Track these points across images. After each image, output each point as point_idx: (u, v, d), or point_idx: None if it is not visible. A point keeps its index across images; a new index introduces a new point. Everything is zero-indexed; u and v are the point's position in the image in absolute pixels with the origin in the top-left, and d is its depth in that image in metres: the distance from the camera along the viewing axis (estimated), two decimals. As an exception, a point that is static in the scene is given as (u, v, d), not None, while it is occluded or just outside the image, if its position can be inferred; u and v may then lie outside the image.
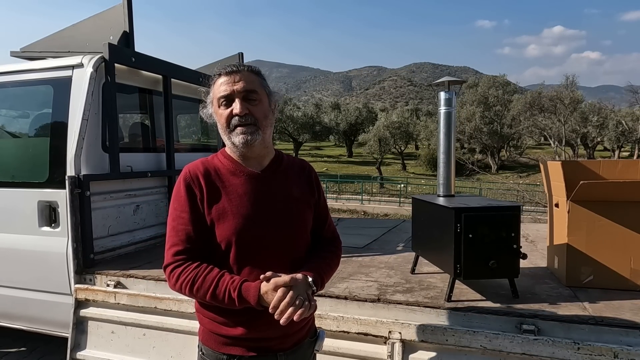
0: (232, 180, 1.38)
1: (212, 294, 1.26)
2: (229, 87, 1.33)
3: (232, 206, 1.34)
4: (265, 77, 1.43)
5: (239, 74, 1.34)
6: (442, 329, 2.02)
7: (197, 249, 1.33)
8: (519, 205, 2.18)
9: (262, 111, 1.36)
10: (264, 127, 1.36)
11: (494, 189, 19.73)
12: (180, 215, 1.34)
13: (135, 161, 3.25)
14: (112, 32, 3.12)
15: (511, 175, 29.39)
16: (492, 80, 33.58)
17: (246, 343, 1.35)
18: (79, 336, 2.68)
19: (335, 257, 1.54)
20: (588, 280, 2.35)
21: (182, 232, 1.33)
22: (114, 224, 3.05)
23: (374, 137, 29.04)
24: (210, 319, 1.38)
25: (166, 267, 1.34)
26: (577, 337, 1.90)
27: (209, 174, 1.38)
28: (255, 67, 1.41)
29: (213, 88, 1.38)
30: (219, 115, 1.37)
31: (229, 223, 1.32)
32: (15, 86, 3.08)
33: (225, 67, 1.37)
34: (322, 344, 1.54)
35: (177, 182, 1.40)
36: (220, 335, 1.37)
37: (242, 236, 1.33)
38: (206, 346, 1.41)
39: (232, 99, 1.33)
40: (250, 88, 1.34)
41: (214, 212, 1.34)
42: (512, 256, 2.13)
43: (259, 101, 1.36)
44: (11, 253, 2.97)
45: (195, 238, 1.33)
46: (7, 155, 3.16)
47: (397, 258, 3.09)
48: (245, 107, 1.32)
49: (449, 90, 2.52)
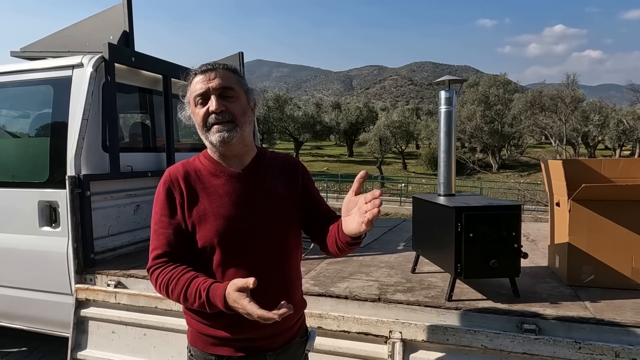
0: (213, 181, 1.36)
1: (183, 296, 1.24)
2: (204, 84, 1.31)
3: (213, 207, 1.32)
4: (266, 77, 1.41)
5: (214, 72, 1.32)
6: (443, 329, 2.01)
7: (177, 253, 1.31)
8: (519, 204, 2.18)
9: (240, 108, 1.33)
10: (242, 124, 1.33)
11: (494, 188, 19.72)
12: (161, 219, 1.34)
13: (135, 161, 3.25)
14: (112, 32, 3.11)
15: (512, 174, 29.36)
16: (493, 79, 33.56)
17: (234, 343, 1.34)
18: (80, 336, 2.68)
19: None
20: (589, 280, 2.34)
21: (162, 235, 1.32)
22: (115, 224, 3.05)
23: (375, 136, 29.04)
24: (197, 320, 1.37)
25: (148, 269, 1.34)
26: (578, 336, 1.89)
27: (189, 176, 1.36)
28: (231, 65, 1.38)
29: (189, 88, 1.36)
30: (195, 114, 1.34)
31: (210, 225, 1.31)
32: (16, 86, 3.07)
33: (200, 67, 1.35)
34: (313, 343, 1.52)
35: (158, 185, 1.38)
36: (207, 335, 1.36)
37: (224, 237, 1.30)
38: (194, 347, 1.40)
39: (207, 97, 1.31)
40: (226, 85, 1.32)
41: (194, 214, 1.32)
42: (513, 255, 2.12)
43: (236, 98, 1.33)
44: (12, 253, 2.97)
45: (175, 242, 1.31)
46: (8, 155, 3.15)
47: (398, 257, 3.08)
48: (222, 104, 1.30)
49: (450, 89, 2.51)
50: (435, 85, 2.60)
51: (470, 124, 30.01)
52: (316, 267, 2.85)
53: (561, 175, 2.33)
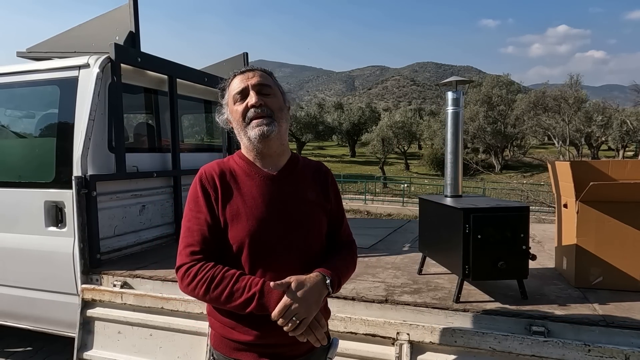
0: (247, 181, 1.37)
1: (229, 291, 1.24)
2: (244, 82, 1.35)
3: (246, 208, 1.33)
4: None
5: (252, 72, 1.38)
6: (450, 330, 2.00)
7: (212, 250, 1.32)
8: (527, 206, 2.16)
9: (277, 104, 1.37)
10: (280, 120, 1.36)
11: (498, 189, 19.66)
12: (196, 216, 1.33)
13: (140, 161, 3.25)
14: (118, 32, 3.12)
15: (515, 174, 29.28)
16: (495, 79, 33.47)
17: (258, 349, 1.33)
18: (86, 336, 2.68)
19: (352, 260, 1.51)
20: (597, 282, 2.33)
21: (198, 232, 1.32)
22: (120, 224, 3.05)
23: (377, 136, 28.99)
24: (222, 324, 1.36)
25: (180, 266, 1.31)
26: (587, 338, 1.88)
27: (224, 175, 1.37)
28: (267, 69, 1.44)
29: (228, 90, 1.40)
30: (234, 112, 1.37)
31: (242, 225, 1.31)
32: (22, 86, 3.08)
33: (239, 69, 1.40)
34: (335, 351, 1.50)
35: (192, 183, 1.39)
36: (231, 340, 1.35)
37: (255, 238, 1.31)
38: (217, 351, 1.39)
39: (246, 94, 1.35)
40: (265, 82, 1.37)
41: (228, 213, 1.33)
42: (521, 257, 2.11)
43: (273, 95, 1.38)
44: (18, 253, 2.98)
45: (211, 239, 1.32)
46: (14, 156, 3.17)
47: (404, 259, 3.07)
48: (260, 98, 1.34)
49: (456, 90, 2.50)
50: (442, 86, 2.59)
51: (473, 125, 29.94)
52: (322, 268, 2.84)
53: (569, 176, 2.32)
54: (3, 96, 3.19)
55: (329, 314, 1.54)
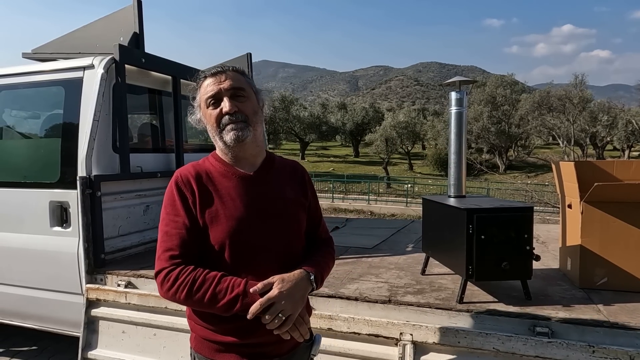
0: (224, 182, 1.36)
1: (211, 293, 1.23)
2: (216, 86, 1.33)
3: (225, 209, 1.32)
4: (272, 77, 1.41)
5: (224, 74, 1.34)
6: (454, 331, 2.00)
7: (191, 254, 1.30)
8: (531, 207, 2.16)
9: (251, 107, 1.36)
10: (254, 124, 1.35)
11: (502, 189, 19.58)
12: (174, 220, 1.32)
13: (144, 161, 3.26)
14: (122, 33, 3.13)
15: (519, 175, 29.17)
16: (500, 79, 33.34)
17: (240, 349, 1.32)
18: (90, 335, 2.70)
19: (331, 257, 1.53)
20: (602, 282, 2.32)
21: (176, 236, 1.30)
22: (124, 224, 3.06)
23: (381, 137, 28.96)
24: (203, 326, 1.35)
25: (160, 271, 1.28)
26: (591, 339, 1.88)
27: (201, 177, 1.36)
28: (239, 68, 1.41)
29: (199, 91, 1.37)
30: (208, 116, 1.35)
31: (222, 226, 1.31)
32: (27, 87, 3.10)
33: (209, 69, 1.37)
34: (318, 348, 1.51)
35: (168, 186, 1.38)
36: (213, 342, 1.34)
37: (236, 239, 1.31)
38: (199, 354, 1.38)
39: (219, 98, 1.33)
40: (237, 85, 1.34)
41: (206, 215, 1.32)
42: (524, 258, 2.11)
43: (247, 98, 1.36)
44: (23, 253, 2.99)
45: (190, 242, 1.30)
46: (19, 156, 3.19)
47: (407, 259, 3.07)
48: (234, 104, 1.32)
49: (460, 90, 2.50)
50: (446, 86, 2.59)
51: (477, 125, 29.85)
52: (325, 268, 2.84)
53: (573, 177, 2.31)
54: (9, 97, 3.22)
55: (311, 311, 1.55)
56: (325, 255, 1.48)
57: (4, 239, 3.06)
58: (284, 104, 35.39)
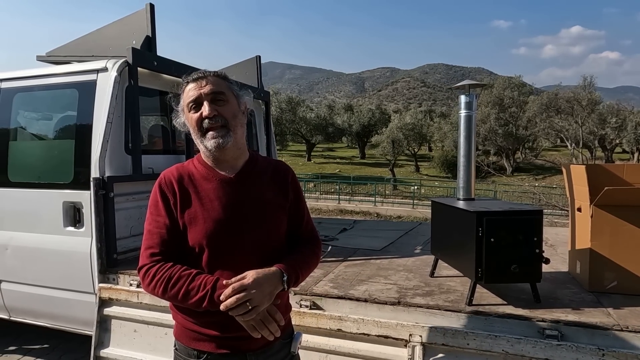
0: (205, 185, 1.42)
1: (185, 290, 1.29)
2: (197, 91, 1.38)
3: (204, 211, 1.38)
4: (278, 79, 1.43)
5: (205, 79, 1.40)
6: (463, 333, 2.01)
7: (171, 252, 1.37)
8: (541, 210, 2.17)
9: (231, 111, 1.40)
10: (234, 127, 1.40)
11: (509, 192, 19.47)
12: (156, 219, 1.39)
13: (156, 163, 3.30)
14: (134, 37, 3.18)
15: (526, 177, 28.99)
16: (507, 81, 33.18)
17: (216, 340, 1.38)
18: (103, 334, 2.74)
19: (314, 255, 1.53)
20: (611, 286, 2.32)
21: (157, 235, 1.37)
22: (136, 225, 3.10)
23: (388, 138, 28.94)
24: (183, 316, 1.42)
25: (141, 268, 1.37)
26: (601, 343, 1.88)
27: (182, 179, 1.42)
28: (221, 72, 1.46)
29: (182, 96, 1.43)
30: (190, 119, 1.40)
31: (200, 227, 1.36)
32: (42, 90, 3.16)
33: (192, 75, 1.42)
34: (298, 345, 1.54)
35: (153, 187, 1.45)
36: (191, 330, 1.41)
37: (213, 240, 1.36)
38: (179, 341, 1.46)
39: (200, 102, 1.38)
40: (217, 90, 1.39)
41: (186, 216, 1.38)
42: (534, 261, 2.12)
43: (227, 102, 1.40)
44: (37, 252, 3.05)
45: (169, 241, 1.37)
46: (34, 157, 3.24)
47: (416, 261, 3.08)
48: (214, 108, 1.37)
49: (470, 94, 2.51)
50: (455, 90, 2.60)
51: (484, 127, 29.72)
52: (334, 269, 2.86)
53: (583, 180, 2.32)
54: (24, 99, 3.28)
55: (290, 309, 1.58)
56: (304, 254, 1.49)
57: (18, 239, 3.11)
58: (291, 105, 35.47)
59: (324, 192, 21.25)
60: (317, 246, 1.58)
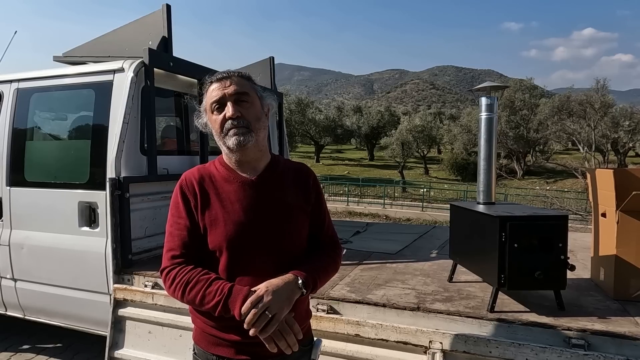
0: (226, 187, 1.40)
1: (202, 294, 1.27)
2: (220, 91, 1.36)
3: (225, 213, 1.36)
4: (287, 80, 1.40)
5: (229, 80, 1.37)
6: (485, 340, 1.96)
7: (192, 254, 1.35)
8: (566, 215, 2.11)
9: (254, 113, 1.38)
10: (257, 130, 1.37)
11: (521, 195, 19.28)
12: (177, 221, 1.38)
13: (170, 164, 3.30)
14: (151, 37, 3.18)
15: (537, 180, 28.69)
16: (518, 83, 32.90)
17: (236, 346, 1.36)
18: (117, 335, 2.73)
19: (333, 261, 1.49)
20: (638, 294, 2.25)
21: (178, 237, 1.36)
22: (151, 226, 3.09)
23: (397, 140, 28.84)
24: (203, 320, 1.40)
25: (163, 270, 1.36)
26: (630, 353, 1.82)
27: (203, 181, 1.41)
28: (245, 73, 1.43)
29: (205, 96, 1.41)
30: (212, 121, 1.38)
31: (220, 230, 1.34)
32: (59, 90, 3.17)
33: (215, 75, 1.40)
34: (319, 352, 1.50)
35: (175, 188, 1.43)
36: (211, 335, 1.39)
37: (233, 243, 1.34)
38: (198, 346, 1.43)
39: (224, 103, 1.36)
40: (241, 91, 1.37)
41: (207, 218, 1.36)
42: (559, 267, 2.06)
43: (251, 103, 1.38)
44: (52, 252, 3.05)
45: (190, 243, 1.36)
46: (50, 157, 3.25)
47: (432, 265, 3.03)
48: (237, 110, 1.35)
49: (491, 96, 2.46)
50: (475, 92, 2.56)
51: (494, 129, 29.49)
52: (350, 273, 2.83)
53: (610, 185, 2.25)
54: (41, 99, 3.29)
55: (310, 315, 1.55)
56: (323, 260, 1.46)
57: (33, 238, 3.12)
58: (300, 106, 35.51)
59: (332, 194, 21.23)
60: (336, 252, 1.54)
